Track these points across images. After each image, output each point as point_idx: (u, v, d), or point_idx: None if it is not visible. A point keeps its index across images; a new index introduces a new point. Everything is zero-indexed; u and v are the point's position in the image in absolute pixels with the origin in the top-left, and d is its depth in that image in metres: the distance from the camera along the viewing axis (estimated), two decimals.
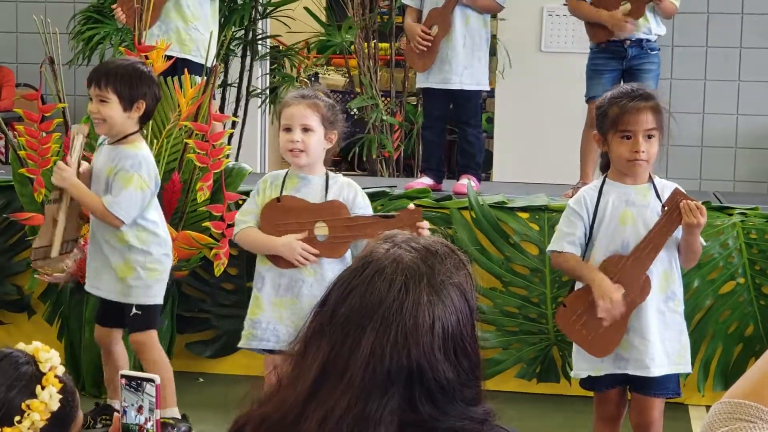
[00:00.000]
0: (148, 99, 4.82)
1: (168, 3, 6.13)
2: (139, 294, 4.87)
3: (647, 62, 6.10)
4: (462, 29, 6.19)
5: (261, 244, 4.56)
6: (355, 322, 1.84)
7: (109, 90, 4.76)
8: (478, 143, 6.47)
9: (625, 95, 4.31)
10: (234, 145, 8.34)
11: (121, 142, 4.83)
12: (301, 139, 4.48)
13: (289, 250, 4.47)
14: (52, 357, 2.35)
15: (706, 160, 8.80)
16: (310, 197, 4.53)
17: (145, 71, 4.87)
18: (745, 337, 5.73)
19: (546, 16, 8.73)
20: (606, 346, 4.29)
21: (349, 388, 1.81)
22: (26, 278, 5.95)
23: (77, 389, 2.36)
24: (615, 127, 4.26)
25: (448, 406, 1.84)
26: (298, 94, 4.61)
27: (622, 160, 4.29)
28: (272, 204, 4.55)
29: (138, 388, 2.85)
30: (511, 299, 5.85)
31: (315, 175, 4.57)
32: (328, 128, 4.52)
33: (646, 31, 6.09)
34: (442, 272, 1.88)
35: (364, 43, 8.68)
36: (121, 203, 4.74)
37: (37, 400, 2.29)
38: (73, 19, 8.46)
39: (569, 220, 4.38)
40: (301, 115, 4.49)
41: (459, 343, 1.86)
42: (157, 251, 4.88)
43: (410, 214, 4.47)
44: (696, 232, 4.27)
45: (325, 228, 4.49)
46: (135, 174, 4.75)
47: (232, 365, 6.07)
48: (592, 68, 6.21)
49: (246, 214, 4.61)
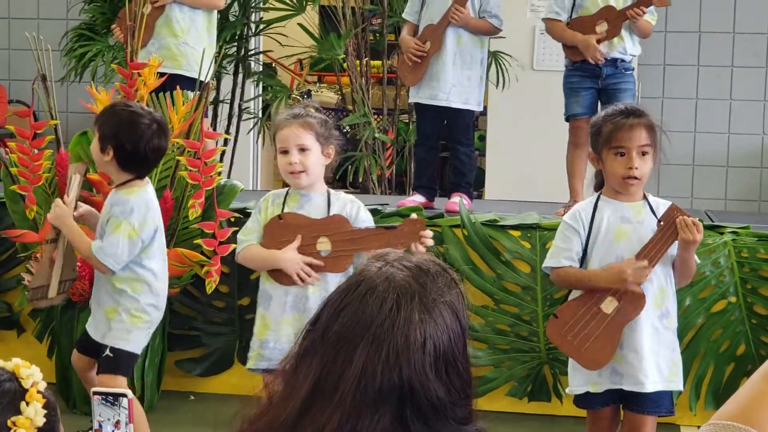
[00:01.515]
0: (117, 143, 4.58)
1: (158, 19, 6.14)
2: (115, 336, 4.71)
3: (622, 82, 6.14)
4: (453, 47, 6.22)
5: (263, 260, 4.56)
6: (347, 340, 1.83)
7: (96, 128, 4.68)
8: (469, 162, 6.47)
9: (619, 113, 4.33)
10: (226, 162, 8.34)
11: (119, 187, 4.68)
12: (298, 160, 4.48)
13: (291, 263, 4.47)
14: (33, 373, 2.33)
15: (697, 178, 8.82)
16: (312, 214, 4.54)
17: (120, 112, 4.66)
18: (736, 356, 5.72)
19: (538, 34, 8.75)
20: (598, 359, 4.29)
21: (340, 405, 1.80)
22: (16, 295, 5.93)
23: (68, 407, 2.39)
24: (609, 143, 4.27)
25: (438, 425, 1.83)
26: (289, 114, 4.61)
27: (616, 177, 4.29)
28: (274, 221, 4.55)
29: (114, 402, 2.86)
30: (503, 317, 5.85)
31: (317, 192, 4.57)
32: (324, 144, 4.52)
33: (621, 50, 6.12)
34: (433, 291, 1.87)
35: (357, 60, 8.69)
36: (107, 250, 4.59)
37: (22, 417, 2.28)
38: (66, 36, 8.46)
39: (565, 236, 4.38)
40: (295, 136, 4.49)
41: (450, 361, 1.85)
42: (145, 300, 4.72)
43: (413, 224, 4.46)
44: (692, 249, 4.27)
45: (328, 243, 4.49)
46: (124, 221, 4.59)
47: (222, 383, 6.05)
48: (569, 86, 6.25)
49: (248, 233, 4.61)
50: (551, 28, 6.27)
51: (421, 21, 6.34)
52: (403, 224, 4.48)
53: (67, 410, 5.61)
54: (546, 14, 6.34)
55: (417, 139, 6.68)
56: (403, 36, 6.41)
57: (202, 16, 6.28)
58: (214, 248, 5.40)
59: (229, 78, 8.69)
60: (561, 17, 6.19)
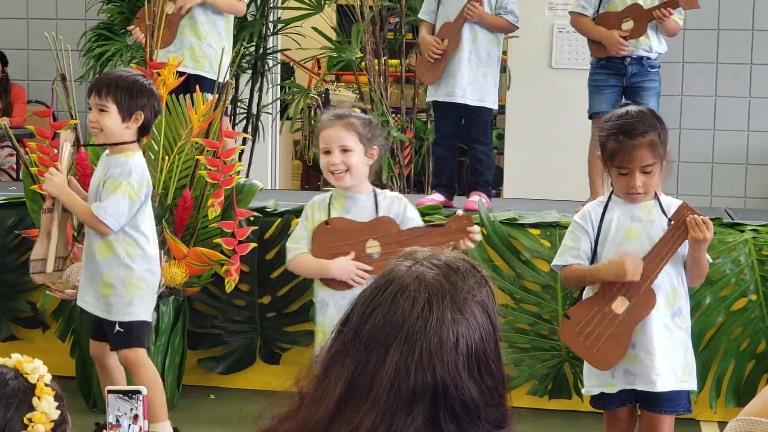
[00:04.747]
0: (147, 111, 4.76)
1: (182, 20, 6.16)
2: (119, 311, 4.78)
3: (647, 80, 6.11)
4: (469, 45, 6.23)
5: (315, 270, 4.56)
6: (380, 341, 1.83)
7: (109, 99, 4.72)
8: (487, 160, 6.47)
9: (621, 130, 4.24)
10: (245, 161, 8.35)
11: (115, 150, 4.78)
12: (341, 160, 4.48)
13: (344, 271, 4.46)
14: (37, 366, 2.33)
15: (716, 176, 8.79)
16: (361, 215, 4.53)
17: (146, 83, 4.82)
18: (757, 353, 5.71)
19: (556, 32, 8.74)
20: (609, 359, 4.28)
21: (374, 406, 1.80)
22: (39, 295, 5.95)
23: (88, 405, 2.39)
24: (612, 161, 4.26)
25: (471, 427, 1.83)
26: (333, 114, 4.61)
27: (620, 191, 4.31)
28: (322, 228, 4.54)
29: (132, 397, 2.87)
30: (523, 316, 5.85)
31: (362, 193, 4.57)
32: (367, 145, 4.51)
33: (646, 48, 6.09)
34: (464, 290, 1.87)
35: (374, 59, 8.69)
36: (108, 209, 4.66)
37: (38, 412, 2.28)
38: (84, 36, 8.49)
39: (574, 235, 4.39)
40: (338, 137, 4.49)
41: (483, 360, 1.85)
42: (139, 267, 4.78)
43: (460, 221, 4.45)
44: (702, 248, 4.25)
45: (377, 245, 4.48)
46: (124, 180, 4.68)
47: (243, 381, 6.07)
48: (593, 84, 6.23)
49: (297, 241, 4.60)
50: (576, 22, 6.25)
51: (438, 20, 6.35)
52: (450, 221, 4.47)
53: (87, 409, 5.64)
54: (572, 8, 6.33)
55: (435, 138, 6.68)
56: (422, 35, 6.42)
57: (223, 19, 6.32)
58: (234, 247, 5.41)
59: (247, 77, 8.71)
60: (587, 12, 6.17)
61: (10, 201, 6.28)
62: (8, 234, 6.21)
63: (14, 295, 6.24)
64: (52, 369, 2.37)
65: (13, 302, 6.24)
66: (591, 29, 6.16)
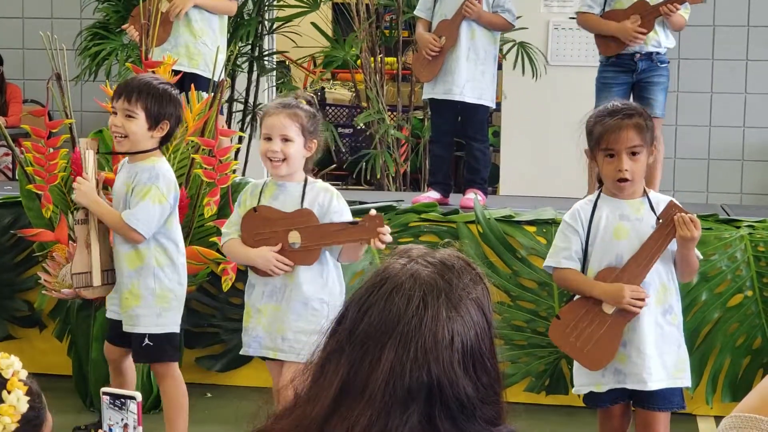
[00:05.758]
0: (173, 120, 4.74)
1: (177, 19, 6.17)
2: (148, 323, 4.74)
3: (656, 75, 6.12)
4: (467, 42, 6.24)
5: (241, 257, 4.67)
6: (375, 339, 1.83)
7: (138, 106, 4.67)
8: (483, 158, 6.48)
9: (607, 113, 4.27)
10: (241, 160, 8.34)
11: (139, 158, 4.73)
12: (280, 149, 4.50)
13: (264, 261, 4.52)
14: (12, 363, 2.37)
15: (713, 172, 8.80)
16: (287, 204, 4.56)
17: (174, 93, 4.80)
18: (753, 349, 5.72)
19: (552, 29, 8.74)
20: (600, 359, 4.27)
21: (369, 405, 1.80)
22: (35, 294, 5.95)
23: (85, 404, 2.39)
24: (599, 145, 4.25)
25: (467, 426, 1.83)
26: (279, 103, 4.63)
27: (608, 179, 4.29)
28: (250, 214, 4.59)
29: (122, 406, 2.85)
30: (519, 313, 5.85)
31: (293, 182, 4.59)
32: (308, 137, 4.54)
33: (655, 44, 6.10)
34: (459, 287, 1.87)
35: (371, 57, 8.69)
36: (138, 215, 4.63)
37: (5, 405, 2.31)
38: (80, 35, 8.48)
39: (564, 235, 4.37)
40: (281, 125, 4.51)
41: (478, 358, 1.85)
42: (168, 277, 4.76)
43: (372, 220, 4.44)
44: (691, 246, 4.24)
45: (298, 236, 4.52)
46: (153, 186, 4.65)
47: (241, 379, 6.08)
48: (602, 81, 6.22)
49: (230, 226, 4.67)
50: (584, 20, 6.25)
51: (435, 17, 6.35)
52: (364, 219, 4.48)
53: (84, 408, 5.63)
54: (579, 8, 6.33)
55: (432, 136, 6.69)
56: (419, 32, 6.42)
57: (218, 18, 6.34)
58: None
59: (243, 76, 8.70)
60: (594, 11, 6.17)
61: (6, 200, 6.28)
62: (4, 234, 6.21)
63: (11, 294, 6.24)
64: (49, 368, 2.39)
65: (10, 301, 6.24)
66: (601, 25, 6.15)
